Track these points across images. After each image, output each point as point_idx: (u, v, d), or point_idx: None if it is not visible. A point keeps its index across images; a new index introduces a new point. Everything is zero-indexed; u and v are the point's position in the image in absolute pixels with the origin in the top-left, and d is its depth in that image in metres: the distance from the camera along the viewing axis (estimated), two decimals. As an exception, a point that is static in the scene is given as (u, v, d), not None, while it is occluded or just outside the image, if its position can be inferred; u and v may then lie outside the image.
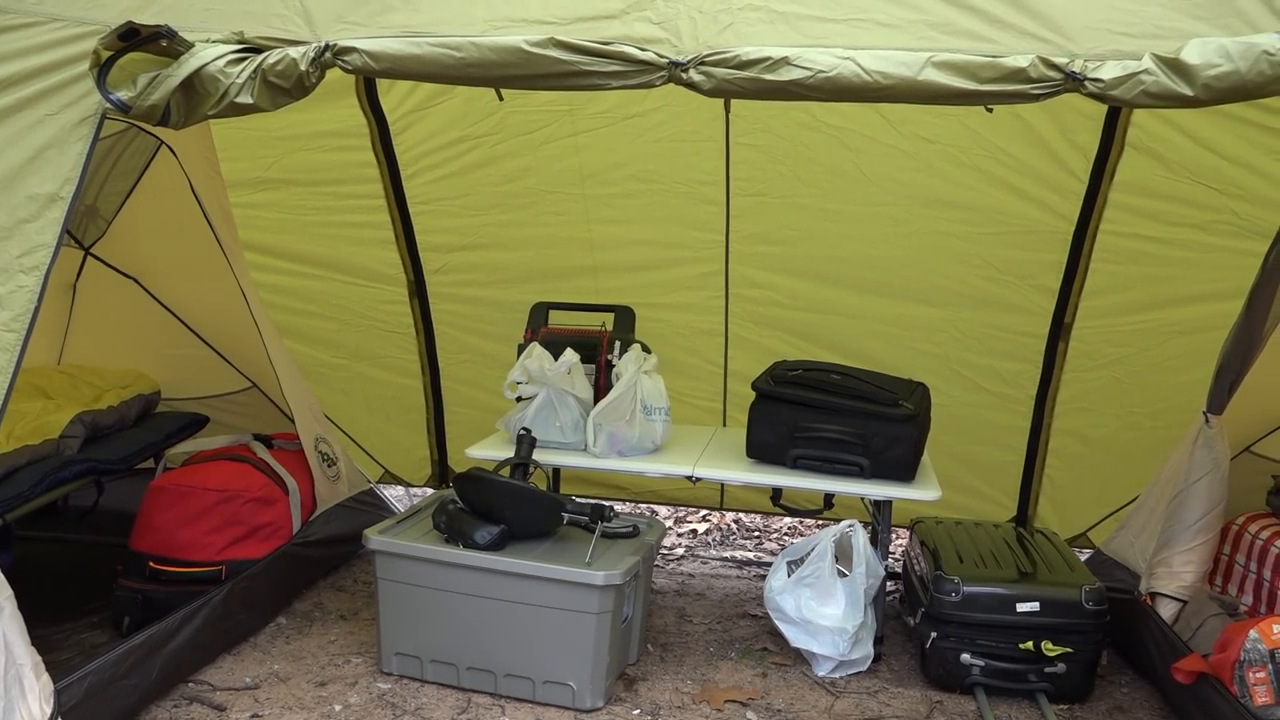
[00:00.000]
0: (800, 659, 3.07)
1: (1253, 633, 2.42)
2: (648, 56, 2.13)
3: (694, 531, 4.54)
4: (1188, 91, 1.91)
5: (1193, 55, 1.91)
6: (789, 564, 3.09)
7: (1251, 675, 2.40)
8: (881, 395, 3.04)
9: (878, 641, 3.07)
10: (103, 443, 3.51)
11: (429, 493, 4.34)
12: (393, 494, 4.36)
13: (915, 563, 3.24)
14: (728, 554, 4.22)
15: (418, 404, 4.32)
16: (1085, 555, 3.59)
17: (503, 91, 3.48)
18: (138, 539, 3.08)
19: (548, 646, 2.70)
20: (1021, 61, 2.00)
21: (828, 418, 3.03)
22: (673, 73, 2.13)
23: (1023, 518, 3.95)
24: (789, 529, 4.67)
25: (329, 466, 3.61)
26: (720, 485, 4.17)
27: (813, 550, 3.03)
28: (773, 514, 4.44)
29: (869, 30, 2.11)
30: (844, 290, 3.78)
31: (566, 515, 2.84)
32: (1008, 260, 3.60)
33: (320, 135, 3.75)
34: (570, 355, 3.17)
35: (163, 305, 4.08)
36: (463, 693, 2.79)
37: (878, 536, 3.09)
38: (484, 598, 2.74)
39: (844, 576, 2.98)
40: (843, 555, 3.03)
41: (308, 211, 3.96)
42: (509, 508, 2.81)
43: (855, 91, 2.04)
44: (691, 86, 2.13)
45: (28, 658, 2.13)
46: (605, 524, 2.84)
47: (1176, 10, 2.02)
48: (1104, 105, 2.29)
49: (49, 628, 2.93)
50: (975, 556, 3.08)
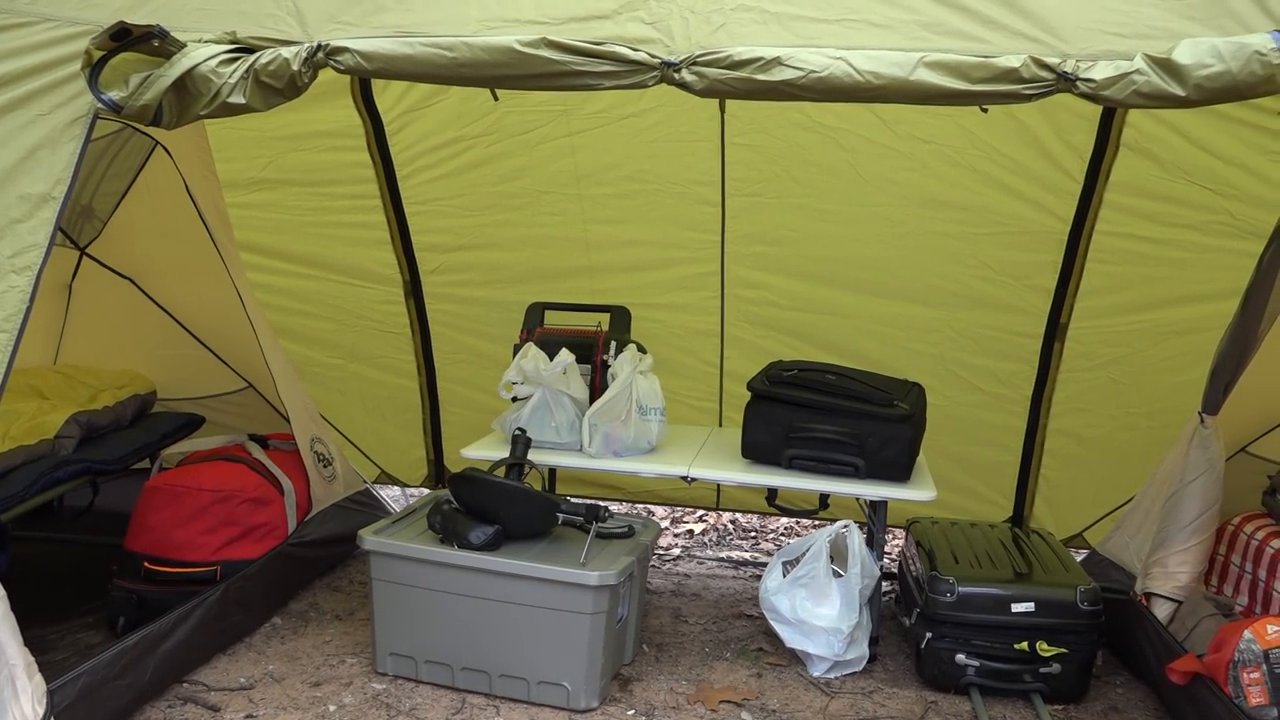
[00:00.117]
0: (796, 659, 3.07)
1: (1247, 633, 2.42)
2: (640, 57, 2.13)
3: (690, 532, 4.54)
4: (1179, 92, 1.91)
5: (1184, 55, 1.91)
6: (784, 564, 3.09)
7: (1246, 676, 2.40)
8: (876, 395, 3.04)
9: (873, 642, 3.06)
10: (98, 443, 3.52)
11: (425, 493, 4.34)
12: (389, 494, 4.35)
13: (911, 563, 3.24)
14: (724, 554, 4.22)
15: (414, 404, 4.32)
16: (1081, 556, 3.59)
17: (498, 92, 3.48)
18: (132, 539, 3.08)
19: (542, 647, 2.70)
20: (1014, 62, 2.00)
21: (823, 418, 3.03)
22: (665, 73, 2.13)
23: (1019, 518, 3.94)
24: (785, 529, 4.66)
25: (325, 467, 3.61)
26: (716, 486, 4.16)
27: (808, 550, 3.03)
28: (769, 514, 4.44)
29: (861, 31, 2.11)
30: (840, 290, 3.78)
31: (561, 515, 2.85)
32: (1003, 260, 3.59)
33: (316, 135, 3.75)
34: (565, 355, 3.17)
35: (159, 305, 4.08)
36: (457, 693, 2.79)
37: (873, 537, 3.09)
38: (479, 598, 2.74)
39: (839, 577, 2.98)
40: (838, 555, 3.03)
41: (303, 212, 3.96)
42: (504, 508, 2.81)
43: (847, 92, 2.04)
44: (684, 87, 2.13)
45: (20, 658, 2.13)
46: (600, 524, 2.84)
47: (1169, 11, 2.02)
48: (1098, 106, 2.28)
49: (44, 628, 2.93)
50: (971, 557, 3.07)
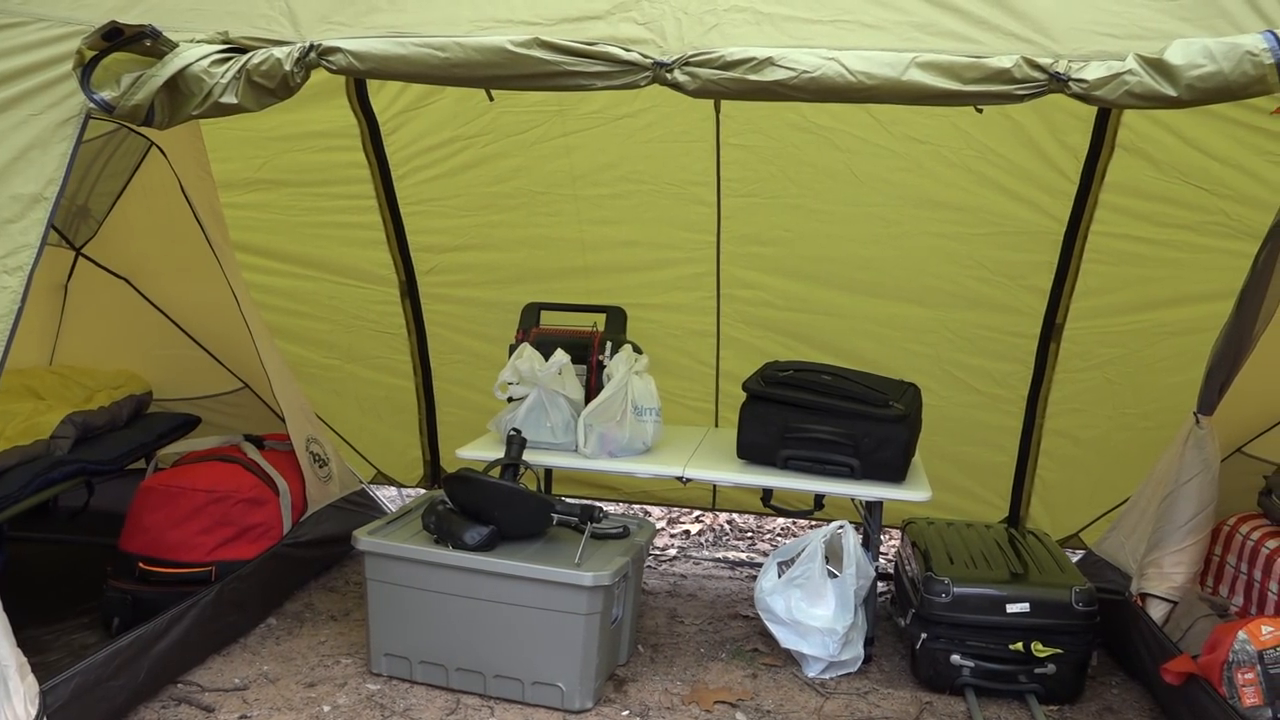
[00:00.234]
0: (791, 660, 3.06)
1: (1241, 634, 2.41)
2: (632, 57, 2.13)
3: (687, 532, 4.54)
4: (1171, 92, 1.91)
5: (1176, 56, 1.91)
6: (780, 565, 3.08)
7: (1240, 676, 2.39)
8: (872, 396, 3.04)
9: (868, 642, 3.06)
10: (94, 443, 3.51)
11: (421, 493, 4.33)
12: (385, 495, 4.36)
13: (906, 563, 3.24)
14: (720, 555, 4.22)
15: (409, 404, 4.31)
16: (1077, 556, 3.59)
17: (493, 92, 3.47)
18: (127, 540, 3.08)
19: (537, 647, 2.70)
20: (1006, 62, 2.00)
21: (818, 418, 3.03)
22: (657, 73, 2.13)
23: (1014, 518, 3.94)
24: (782, 530, 4.66)
25: (320, 467, 3.61)
26: (712, 486, 4.16)
27: (803, 551, 3.03)
28: (766, 515, 4.44)
29: (854, 31, 2.11)
30: (835, 291, 3.77)
31: (556, 516, 2.84)
32: (999, 261, 3.59)
33: (311, 136, 3.74)
34: (561, 356, 3.17)
35: (154, 306, 4.07)
36: (452, 694, 2.79)
37: (869, 537, 3.08)
38: (473, 598, 2.73)
39: (834, 577, 2.98)
40: (833, 556, 3.03)
41: (299, 212, 3.95)
42: (498, 508, 2.81)
43: (839, 92, 2.04)
44: (676, 87, 2.13)
45: (12, 659, 2.13)
46: (595, 525, 2.83)
47: (1161, 11, 2.03)
48: (1094, 106, 2.28)
49: (39, 629, 2.93)
50: (966, 557, 3.07)
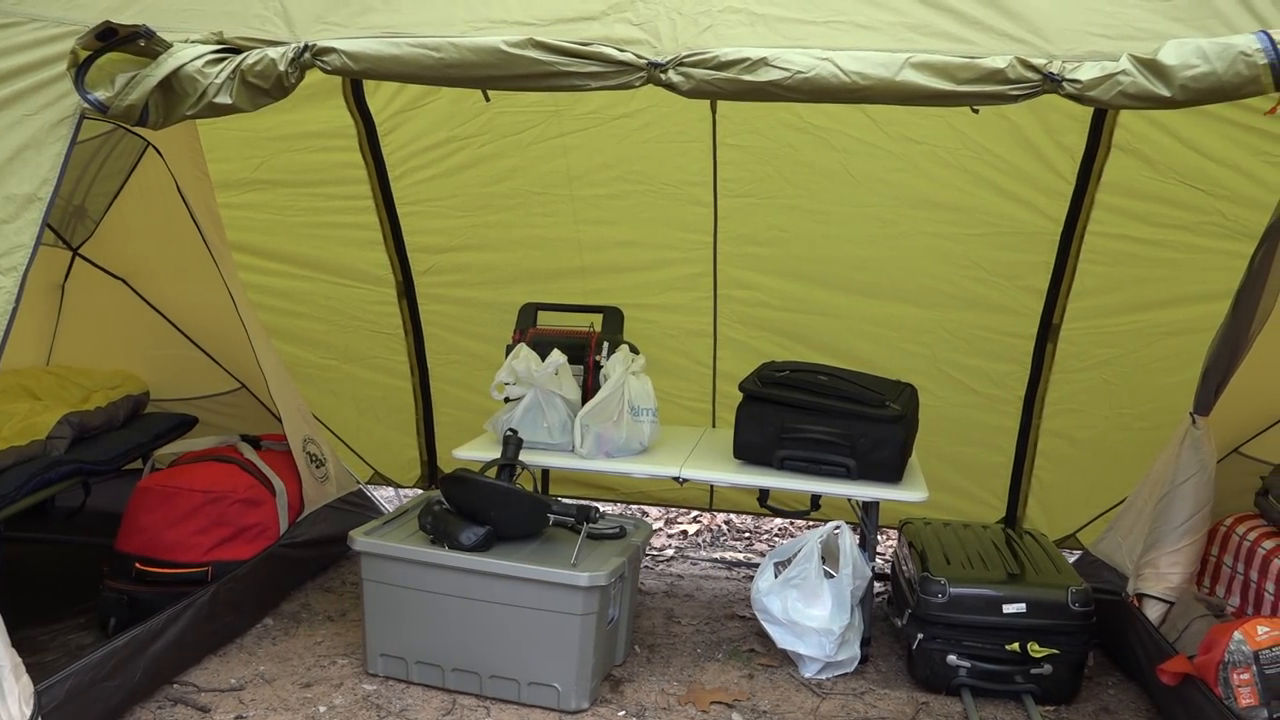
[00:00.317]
0: (787, 660, 3.06)
1: (1237, 634, 2.41)
2: (626, 57, 2.13)
3: (684, 532, 4.54)
4: (1165, 92, 1.91)
5: (1170, 56, 1.91)
6: (776, 565, 3.08)
7: (1236, 677, 2.39)
8: (868, 396, 3.04)
9: (865, 643, 3.06)
10: (90, 444, 3.50)
11: (418, 493, 4.33)
12: (383, 495, 4.36)
13: (903, 564, 3.23)
14: (717, 555, 4.21)
15: (407, 405, 4.31)
16: (1074, 556, 3.58)
17: (489, 93, 3.47)
18: (124, 540, 3.08)
19: (533, 648, 2.70)
20: (999, 63, 2.00)
21: (814, 419, 3.03)
22: (651, 74, 2.13)
23: (1011, 519, 3.94)
24: (780, 530, 4.66)
25: (317, 467, 3.60)
26: (709, 486, 4.16)
27: (799, 551, 3.03)
28: (763, 515, 4.44)
29: (848, 32, 2.11)
30: (832, 291, 3.78)
31: (552, 516, 2.84)
32: (995, 261, 3.59)
33: (307, 136, 3.74)
34: (557, 356, 3.16)
35: (151, 306, 4.07)
36: (448, 694, 2.79)
37: (865, 538, 3.08)
38: (469, 599, 2.73)
39: (830, 578, 2.98)
40: (830, 556, 3.03)
41: (295, 212, 3.95)
42: (494, 509, 2.80)
43: (833, 92, 2.04)
44: (670, 87, 2.13)
45: (7, 659, 2.13)
46: (591, 525, 2.83)
47: (1154, 12, 2.03)
48: (1088, 107, 2.28)
49: (36, 629, 2.93)
50: (963, 558, 3.07)
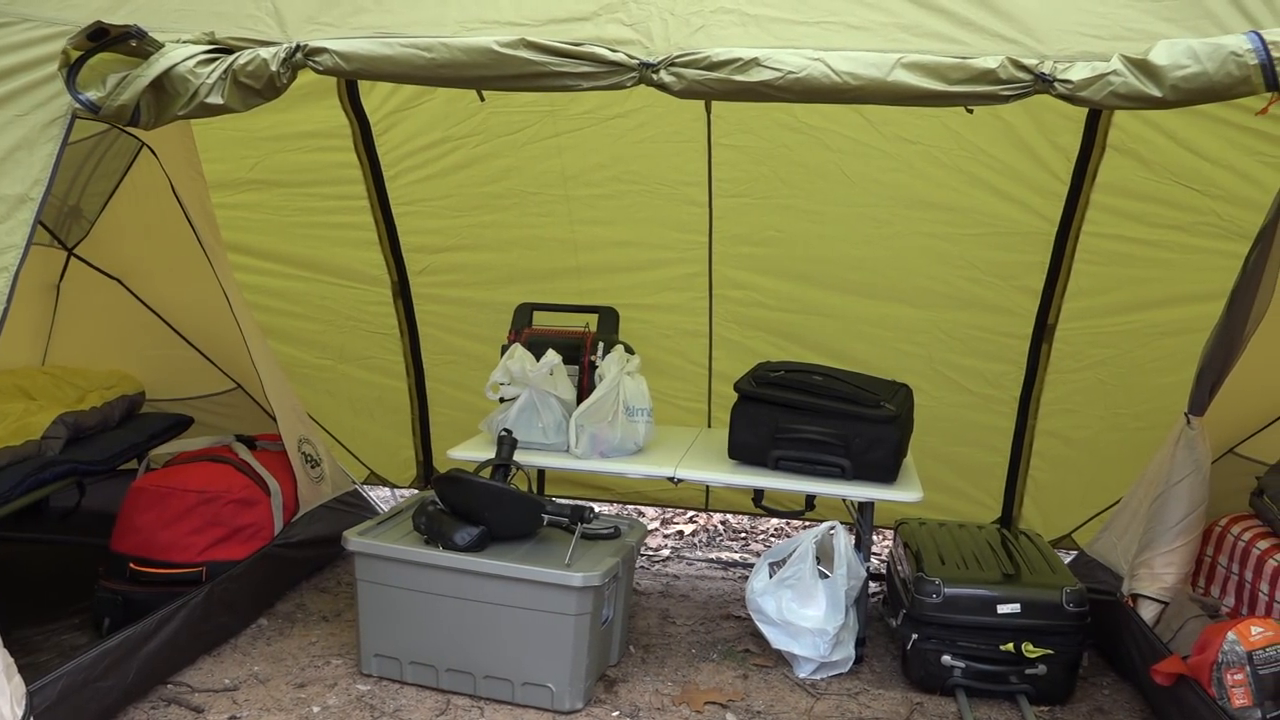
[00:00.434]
0: (782, 660, 3.06)
1: (1230, 634, 2.41)
2: (618, 58, 2.13)
3: (680, 533, 4.54)
4: (1156, 93, 1.91)
5: (1161, 56, 1.91)
6: (771, 565, 3.08)
7: (1229, 677, 2.39)
8: (863, 396, 3.03)
9: (860, 643, 3.06)
10: (85, 444, 3.50)
11: (414, 494, 4.33)
12: (379, 495, 4.35)
13: (898, 564, 3.23)
14: (713, 555, 4.21)
15: (402, 405, 4.31)
16: (1070, 557, 3.59)
17: (484, 92, 3.47)
18: (118, 540, 3.07)
19: (527, 648, 2.69)
20: (991, 63, 2.00)
21: (809, 419, 3.03)
22: (643, 74, 2.13)
23: (1007, 519, 3.94)
24: (776, 530, 4.66)
25: (312, 467, 3.60)
26: (705, 487, 4.16)
27: (794, 552, 3.03)
28: (759, 515, 4.43)
29: (839, 33, 2.11)
30: (827, 291, 3.77)
31: (546, 516, 2.83)
32: (990, 261, 3.59)
33: (302, 136, 3.74)
34: (552, 356, 3.16)
35: (147, 306, 4.07)
36: (442, 694, 2.79)
37: (860, 538, 3.08)
38: (463, 599, 2.73)
39: (825, 578, 2.98)
40: (825, 557, 3.03)
41: (290, 212, 3.95)
42: (488, 509, 2.80)
43: (825, 92, 2.04)
44: (662, 88, 2.13)
45: (-1, 660, 2.13)
46: (585, 525, 2.82)
47: (1146, 12, 2.03)
48: (1080, 107, 2.28)
49: (30, 629, 2.93)
50: (957, 558, 3.07)
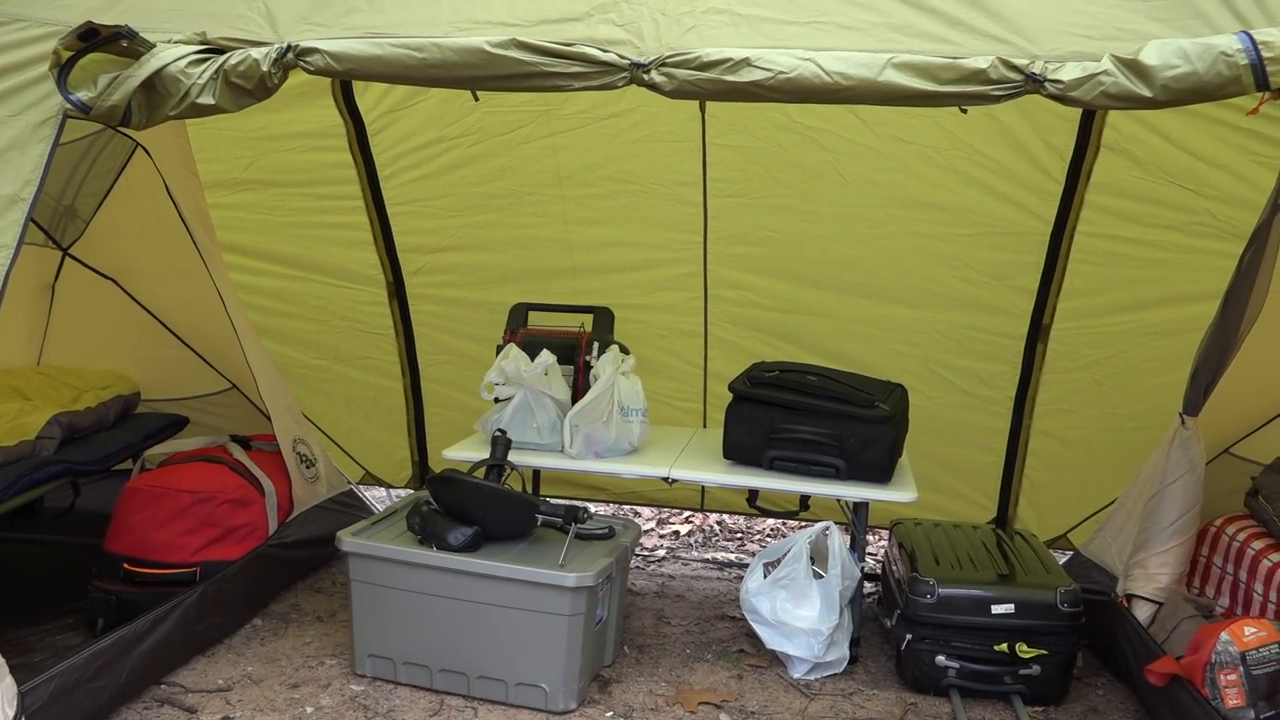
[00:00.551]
0: (776, 661, 3.06)
1: (1224, 635, 2.41)
2: (609, 58, 2.13)
3: (676, 533, 4.53)
4: (1146, 93, 1.91)
5: (1151, 56, 1.91)
6: (766, 566, 3.08)
7: (1223, 678, 2.39)
8: (857, 396, 3.03)
9: (854, 643, 3.06)
10: (79, 444, 3.51)
11: (409, 494, 4.33)
12: (375, 495, 4.35)
13: (893, 564, 3.23)
14: (709, 555, 4.21)
15: (398, 405, 4.31)
16: (1066, 557, 3.59)
17: (479, 92, 3.47)
18: (112, 540, 3.07)
19: (520, 648, 2.69)
20: (981, 63, 2.00)
21: (804, 419, 3.03)
22: (634, 74, 2.13)
23: (1003, 519, 3.94)
24: (772, 530, 4.66)
25: (307, 468, 3.60)
26: (701, 487, 4.15)
27: (789, 552, 3.03)
28: (756, 516, 4.43)
29: (831, 33, 2.11)
30: (822, 291, 3.77)
31: (540, 517, 2.83)
32: (985, 261, 3.59)
33: (297, 136, 3.74)
34: (546, 356, 3.16)
35: (142, 306, 4.08)
36: (435, 695, 2.79)
37: (855, 538, 3.08)
38: (457, 599, 2.73)
39: (819, 578, 2.97)
40: (819, 557, 3.02)
41: (285, 213, 3.95)
42: (482, 509, 2.80)
43: (816, 92, 2.04)
44: (653, 88, 2.13)
45: (-10, 660, 2.13)
46: (579, 525, 2.82)
47: (1136, 12, 2.03)
48: (1072, 107, 2.28)
49: (24, 629, 2.92)
50: (952, 558, 3.07)
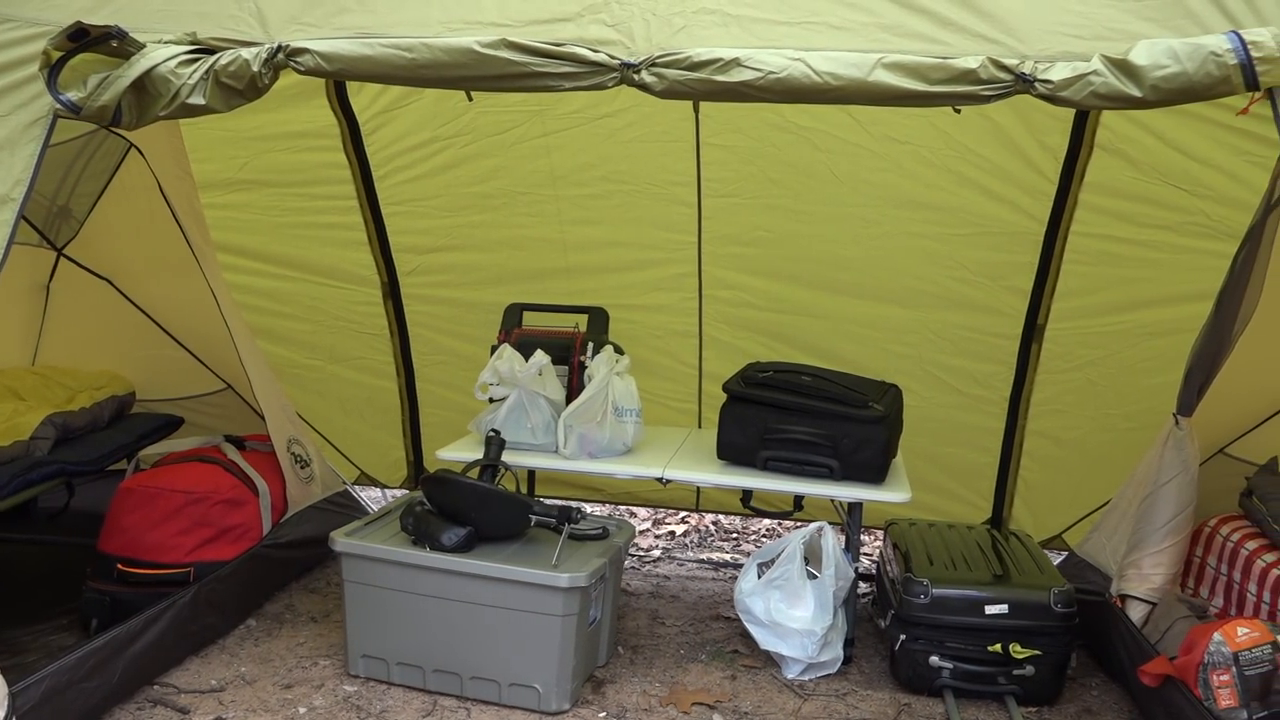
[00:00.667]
0: (770, 661, 3.06)
1: (1217, 635, 2.41)
2: (599, 58, 2.13)
3: (671, 533, 4.53)
4: (1136, 93, 1.91)
5: (1141, 56, 1.91)
6: (760, 566, 3.07)
7: (1215, 678, 2.38)
8: (851, 397, 3.03)
9: (848, 644, 3.05)
10: (74, 444, 3.50)
11: (404, 494, 4.32)
12: (370, 495, 4.35)
13: (887, 565, 3.23)
14: (704, 556, 4.21)
15: (392, 405, 4.31)
16: (1060, 557, 3.58)
17: (473, 92, 3.46)
18: (106, 540, 3.07)
19: (514, 649, 2.69)
20: (971, 63, 2.00)
21: (797, 419, 3.03)
22: (625, 74, 2.13)
23: (997, 520, 3.94)
24: (768, 530, 4.65)
25: (302, 468, 3.60)
26: (695, 487, 4.15)
27: (783, 552, 3.02)
28: (751, 516, 4.44)
29: (821, 33, 2.11)
30: (817, 291, 3.77)
31: (534, 517, 2.83)
32: (979, 261, 3.59)
33: (291, 136, 3.74)
34: (541, 356, 3.16)
35: (136, 306, 4.07)
36: (429, 695, 2.78)
37: (849, 538, 3.08)
38: (450, 600, 2.72)
39: (814, 579, 2.97)
40: (813, 557, 3.02)
41: (280, 213, 3.94)
42: (475, 509, 2.80)
43: (806, 92, 2.04)
44: (643, 88, 2.13)
45: (-20, 661, 2.13)
46: (573, 526, 2.82)
47: (1126, 12, 2.03)
48: (1062, 107, 2.28)
49: (17, 630, 2.91)
50: (946, 559, 3.07)
